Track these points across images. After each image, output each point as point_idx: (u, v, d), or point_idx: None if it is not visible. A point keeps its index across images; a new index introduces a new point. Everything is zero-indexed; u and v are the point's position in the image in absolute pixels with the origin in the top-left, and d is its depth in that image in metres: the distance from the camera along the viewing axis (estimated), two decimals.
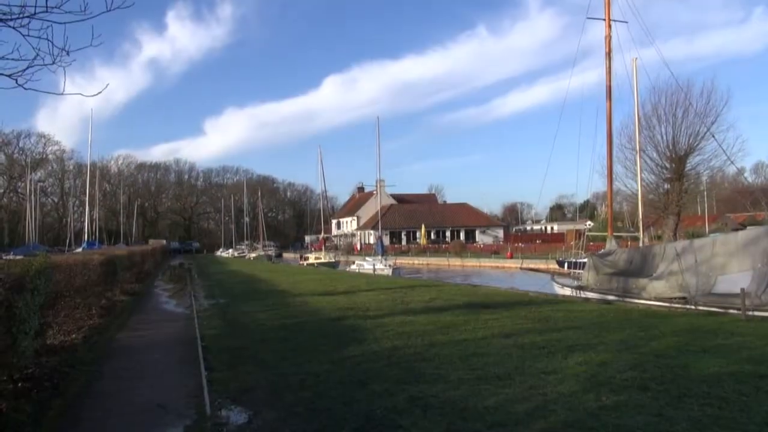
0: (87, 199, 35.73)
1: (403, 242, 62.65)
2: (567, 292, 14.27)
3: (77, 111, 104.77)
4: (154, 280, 21.69)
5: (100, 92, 4.34)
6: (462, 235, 65.41)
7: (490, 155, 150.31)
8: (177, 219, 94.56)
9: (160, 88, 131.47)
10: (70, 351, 7.12)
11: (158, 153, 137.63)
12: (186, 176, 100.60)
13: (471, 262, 42.19)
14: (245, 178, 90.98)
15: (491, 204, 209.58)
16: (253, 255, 59.23)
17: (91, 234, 38.93)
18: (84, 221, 38.04)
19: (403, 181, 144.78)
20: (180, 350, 7.58)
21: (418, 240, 62.08)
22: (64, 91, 4.06)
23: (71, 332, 7.88)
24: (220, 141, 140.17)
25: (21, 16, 3.51)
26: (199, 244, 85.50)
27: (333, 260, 37.92)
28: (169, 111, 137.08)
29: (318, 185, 41.56)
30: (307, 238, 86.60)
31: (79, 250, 28.81)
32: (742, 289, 9.22)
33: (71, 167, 75.02)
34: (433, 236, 64.40)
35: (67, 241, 47.98)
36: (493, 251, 47.31)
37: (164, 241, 69.77)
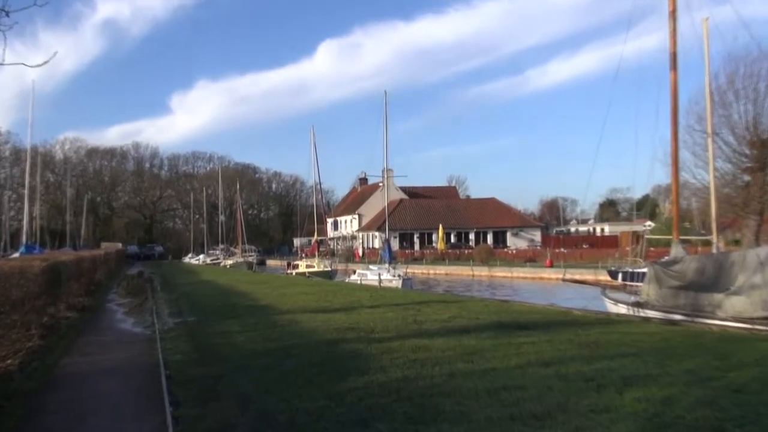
0: (26, 192, 35.94)
1: (416, 247, 62.82)
2: (622, 309, 14.19)
3: (15, 84, 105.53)
4: (108, 293, 21.82)
5: (46, 62, 4.27)
6: (489, 239, 65.45)
7: (525, 139, 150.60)
8: (136, 217, 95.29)
9: (117, 56, 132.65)
10: (4, 380, 7.15)
11: (114, 136, 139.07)
12: (147, 164, 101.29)
13: (500, 272, 42.19)
14: (220, 166, 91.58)
15: (526, 200, 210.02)
16: (229, 262, 59.56)
17: (30, 235, 39.31)
18: (22, 219, 38.35)
19: (416, 171, 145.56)
20: (139, 380, 7.61)
21: (434, 244, 62.16)
22: (3, 60, 3.98)
23: (5, 357, 7.92)
24: (189, 121, 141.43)
25: None
26: (164, 248, 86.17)
27: (329, 269, 38.06)
28: (128, 84, 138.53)
29: (310, 176, 42.29)
30: (297, 242, 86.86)
31: (16, 255, 29.16)
32: None
33: (6, 153, 75.73)
34: (453, 239, 64.49)
35: (2, 244, 48.45)
36: (529, 258, 47.27)
37: (120, 245, 70.34)
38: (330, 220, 75.52)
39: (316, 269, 38.58)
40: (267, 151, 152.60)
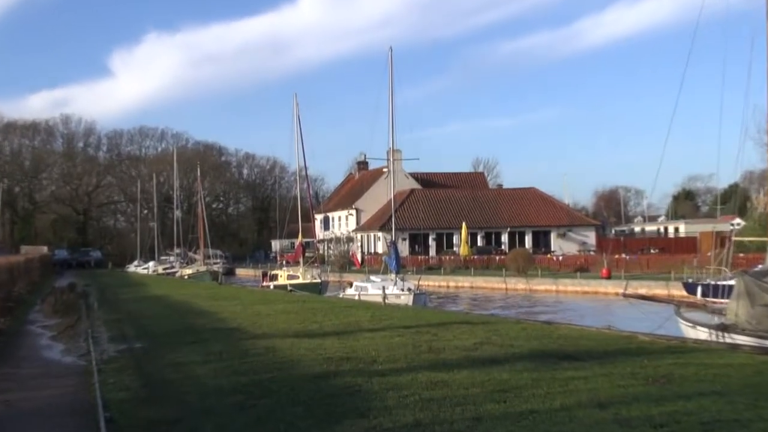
0: None
1: (432, 251, 63.00)
2: (701, 334, 14.18)
3: None
4: (30, 311, 21.91)
5: None
6: (527, 241, 65.57)
7: (574, 111, 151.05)
8: (66, 213, 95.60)
9: (37, 2, 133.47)
10: None
11: (36, 106, 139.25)
12: (80, 144, 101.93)
13: (542, 285, 42.24)
14: (176, 146, 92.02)
15: (576, 190, 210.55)
16: (188, 271, 59.80)
17: None
18: None
19: (431, 153, 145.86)
20: (71, 426, 7.64)
21: (455, 248, 62.27)
22: None
23: None
24: (135, 87, 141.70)
25: None
26: (102, 253, 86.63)
27: (317, 280, 38.21)
28: (54, 38, 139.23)
29: (293, 159, 42.02)
30: (276, 245, 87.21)
31: None
32: None
33: None
34: (480, 242, 64.64)
35: None
36: (579, 267, 47.30)
37: (46, 249, 70.69)
38: (319, 217, 75.60)
39: (300, 281, 38.63)
40: (237, 126, 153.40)
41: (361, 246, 69.23)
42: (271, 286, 39.06)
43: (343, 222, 76.94)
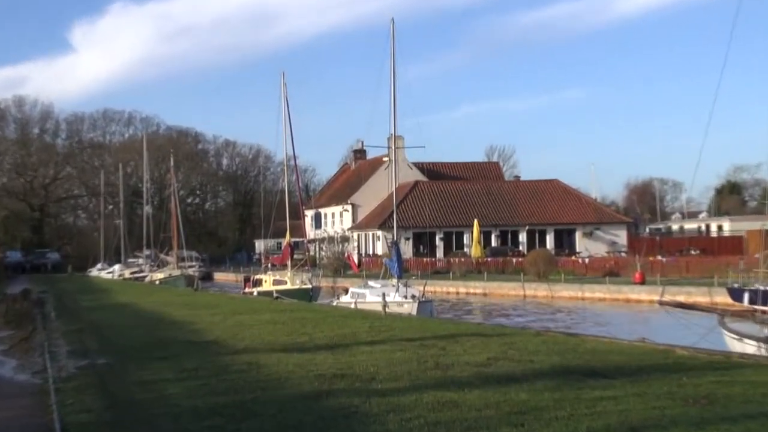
0: None
1: (439, 253, 63.06)
2: (749, 347, 14.18)
3: None
4: None
5: None
6: (549, 240, 65.67)
7: (603, 92, 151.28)
8: (19, 209, 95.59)
9: None
10: None
11: None
12: (36, 129, 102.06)
13: (566, 291, 42.28)
14: (146, 132, 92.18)
15: (605, 183, 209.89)
16: (159, 276, 59.88)
17: None
18: None
19: (439, 140, 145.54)
20: None
21: (466, 249, 62.29)
22: None
23: None
24: (99, 65, 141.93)
25: None
26: (60, 255, 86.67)
27: (307, 286, 38.28)
28: (6, 8, 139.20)
29: (280, 147, 41.90)
30: (260, 245, 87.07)
31: None
32: None
33: None
34: (495, 242, 64.73)
35: None
36: (609, 270, 47.33)
37: None
38: (310, 213, 75.59)
39: (288, 287, 38.62)
40: (215, 110, 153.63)
41: (358, 247, 69.27)
42: (255, 293, 39.02)
43: (338, 219, 76.98)
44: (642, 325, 29.11)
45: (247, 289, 41.54)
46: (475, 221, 59.70)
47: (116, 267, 71.38)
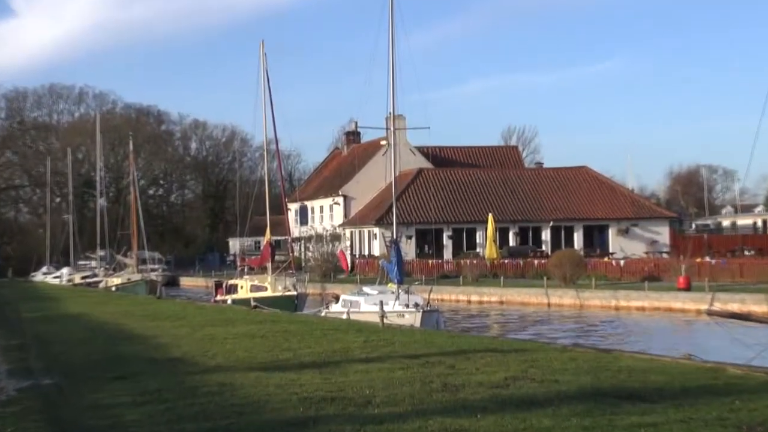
0: None
1: (447, 254, 63.10)
2: None
3: None
4: None
5: None
6: (577, 239, 65.75)
7: (641, 64, 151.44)
8: None
9: None
10: None
11: None
12: None
13: (597, 298, 42.28)
14: (99, 111, 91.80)
15: (644, 171, 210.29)
16: (116, 281, 59.90)
17: None
18: None
19: (445, 120, 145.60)
20: None
21: (479, 249, 62.24)
22: None
23: None
24: (45, 32, 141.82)
25: None
26: None
27: (291, 292, 38.38)
28: None
29: (258, 128, 41.58)
30: (235, 245, 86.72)
31: None
32: None
33: None
34: (513, 240, 64.77)
35: None
36: (648, 274, 47.38)
37: None
38: (294, 207, 75.58)
39: (268, 294, 38.60)
40: (182, 85, 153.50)
41: (351, 246, 69.21)
42: (229, 301, 38.96)
43: (327, 214, 76.92)
44: (687, 339, 29.12)
45: (219, 297, 41.48)
46: (490, 216, 59.64)
47: (64, 271, 71.42)
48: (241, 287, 40.96)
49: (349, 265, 58.32)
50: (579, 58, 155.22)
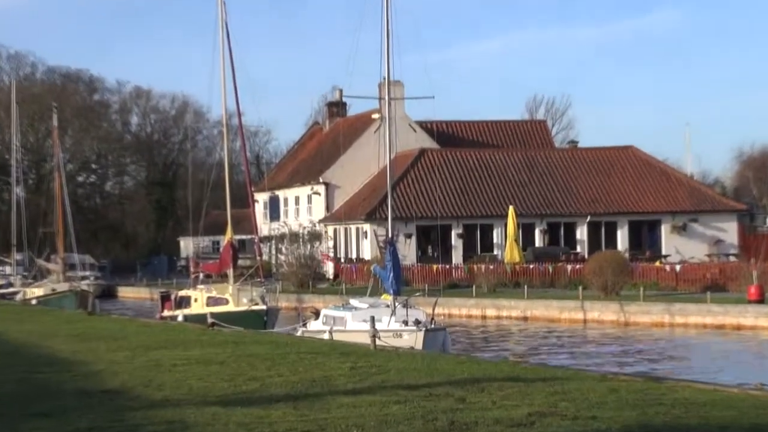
0: None
1: (457, 256, 63.14)
2: None
3: None
4: None
5: None
6: (622, 237, 65.76)
7: (705, 17, 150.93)
8: None
9: None
10: None
11: None
12: None
13: (647, 313, 42.33)
14: (15, 76, 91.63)
15: (706, 152, 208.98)
16: (38, 292, 59.71)
17: None
18: None
19: (454, 87, 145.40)
20: None
21: (497, 251, 62.21)
22: None
23: None
24: None
25: None
26: None
27: (259, 306, 38.57)
28: None
29: (216, 98, 41.38)
30: (187, 246, 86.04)
31: None
32: None
33: None
34: (540, 239, 64.66)
35: None
36: (711, 282, 47.29)
37: None
38: (262, 198, 75.60)
39: (230, 308, 38.62)
40: (119, 44, 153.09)
41: (335, 247, 69.17)
42: (179, 318, 38.92)
43: (304, 207, 76.85)
44: (759, 365, 29.15)
45: (167, 313, 41.45)
46: (511, 209, 59.57)
47: None
48: (195, 300, 40.94)
49: (332, 275, 58.35)
50: (623, 9, 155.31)
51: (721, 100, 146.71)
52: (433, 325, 29.68)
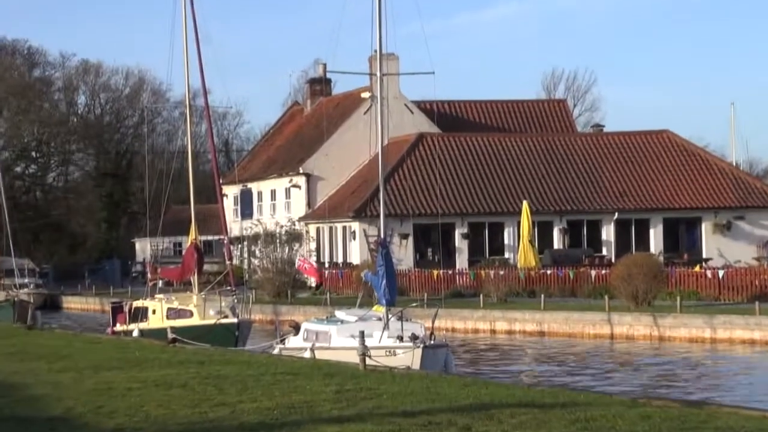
0: None
1: (461, 260, 63.29)
2: None
3: None
4: None
5: None
6: (656, 238, 65.86)
7: None
8: None
9: None
10: None
11: None
12: None
13: (685, 327, 42.37)
14: None
15: (754, 137, 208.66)
16: None
17: None
18: None
19: (457, 61, 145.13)
20: None
21: (509, 255, 62.22)
22: None
23: None
24: None
25: None
26: None
27: (230, 320, 38.72)
28: None
29: (177, 74, 41.24)
30: (143, 248, 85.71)
31: None
32: None
33: None
34: (559, 239, 64.72)
35: None
36: (760, 290, 47.26)
37: None
38: (232, 192, 75.66)
39: (194, 321, 38.73)
40: (64, 11, 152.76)
41: (318, 250, 69.18)
42: (135, 332, 38.94)
43: (281, 202, 76.85)
44: None
45: (119, 326, 41.47)
46: (525, 205, 59.59)
47: None
48: (153, 312, 40.95)
49: (319, 280, 58.31)
50: None
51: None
52: (432, 341, 29.72)
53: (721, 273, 51.61)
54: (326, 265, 65.64)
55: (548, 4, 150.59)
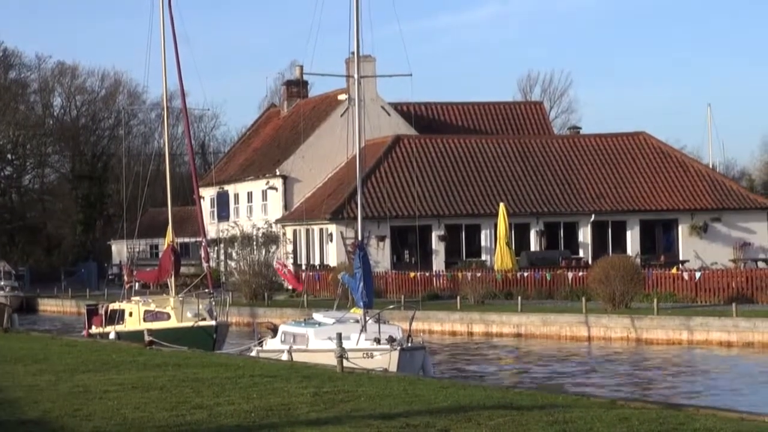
0: None
1: (438, 262, 63.21)
2: None
3: None
4: None
5: None
6: (632, 240, 65.97)
7: None
8: None
9: None
10: None
11: None
12: None
13: (662, 329, 42.48)
14: None
15: (730, 139, 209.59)
16: None
17: None
18: None
19: (435, 63, 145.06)
20: None
21: (486, 257, 62.23)
22: None
23: None
24: None
25: None
26: None
27: (207, 322, 38.69)
28: None
29: (154, 76, 40.90)
30: (120, 250, 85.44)
31: None
32: None
33: None
34: (536, 242, 64.82)
35: None
36: (737, 291, 47.38)
37: None
38: (208, 194, 75.42)
39: (171, 324, 38.67)
40: (40, 13, 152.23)
41: (295, 252, 69.05)
42: (111, 335, 38.84)
43: (258, 204, 76.71)
44: None
45: (95, 329, 41.31)
46: (501, 207, 59.55)
47: None
48: (130, 314, 40.83)
49: (297, 282, 58.23)
50: None
51: (748, 79, 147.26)
52: (410, 344, 29.69)
53: (697, 275, 51.74)
54: (303, 267, 65.45)
55: (524, 5, 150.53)
